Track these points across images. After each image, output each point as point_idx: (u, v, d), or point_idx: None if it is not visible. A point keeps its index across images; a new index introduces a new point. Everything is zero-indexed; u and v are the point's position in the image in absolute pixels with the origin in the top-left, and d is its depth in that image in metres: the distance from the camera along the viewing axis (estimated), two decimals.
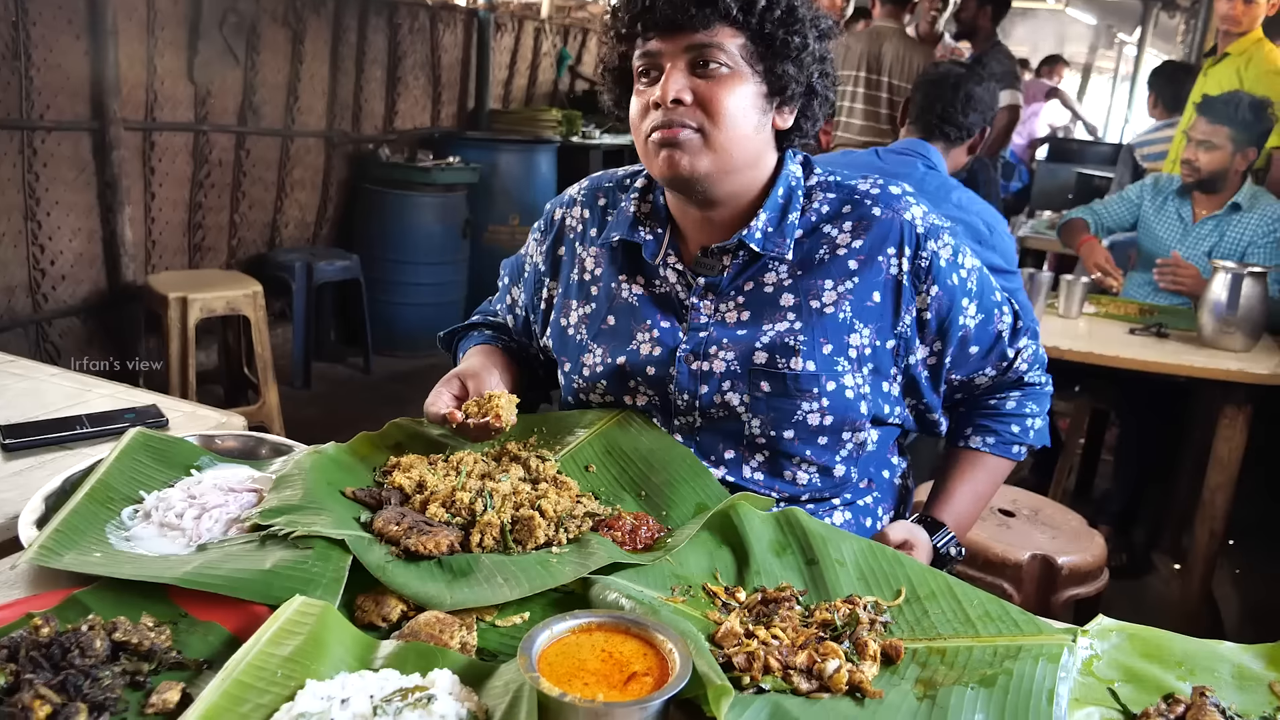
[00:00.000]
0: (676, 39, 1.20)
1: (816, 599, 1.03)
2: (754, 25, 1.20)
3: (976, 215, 2.32)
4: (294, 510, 1.05)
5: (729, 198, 1.28)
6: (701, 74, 1.21)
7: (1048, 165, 7.09)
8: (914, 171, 2.38)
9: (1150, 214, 3.40)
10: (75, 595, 0.92)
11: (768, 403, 1.27)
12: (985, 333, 1.35)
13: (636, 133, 1.26)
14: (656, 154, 1.23)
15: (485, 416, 1.22)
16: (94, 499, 1.09)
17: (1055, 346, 2.71)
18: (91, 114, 3.85)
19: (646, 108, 1.23)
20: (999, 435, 1.43)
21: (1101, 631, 0.98)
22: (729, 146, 1.22)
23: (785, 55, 1.22)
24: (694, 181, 1.23)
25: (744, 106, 1.22)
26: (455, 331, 1.62)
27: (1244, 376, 2.61)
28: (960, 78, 2.46)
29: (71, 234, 3.89)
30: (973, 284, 1.32)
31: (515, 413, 1.25)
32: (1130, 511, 3.46)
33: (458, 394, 1.31)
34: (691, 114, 1.20)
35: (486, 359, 1.42)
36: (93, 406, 1.56)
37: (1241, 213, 3.15)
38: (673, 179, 1.24)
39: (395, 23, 5.42)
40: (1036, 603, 1.99)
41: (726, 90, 1.20)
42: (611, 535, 1.11)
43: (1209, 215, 3.22)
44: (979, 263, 1.35)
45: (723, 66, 1.20)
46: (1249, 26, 3.64)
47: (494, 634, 0.93)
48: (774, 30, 1.21)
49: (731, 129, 1.21)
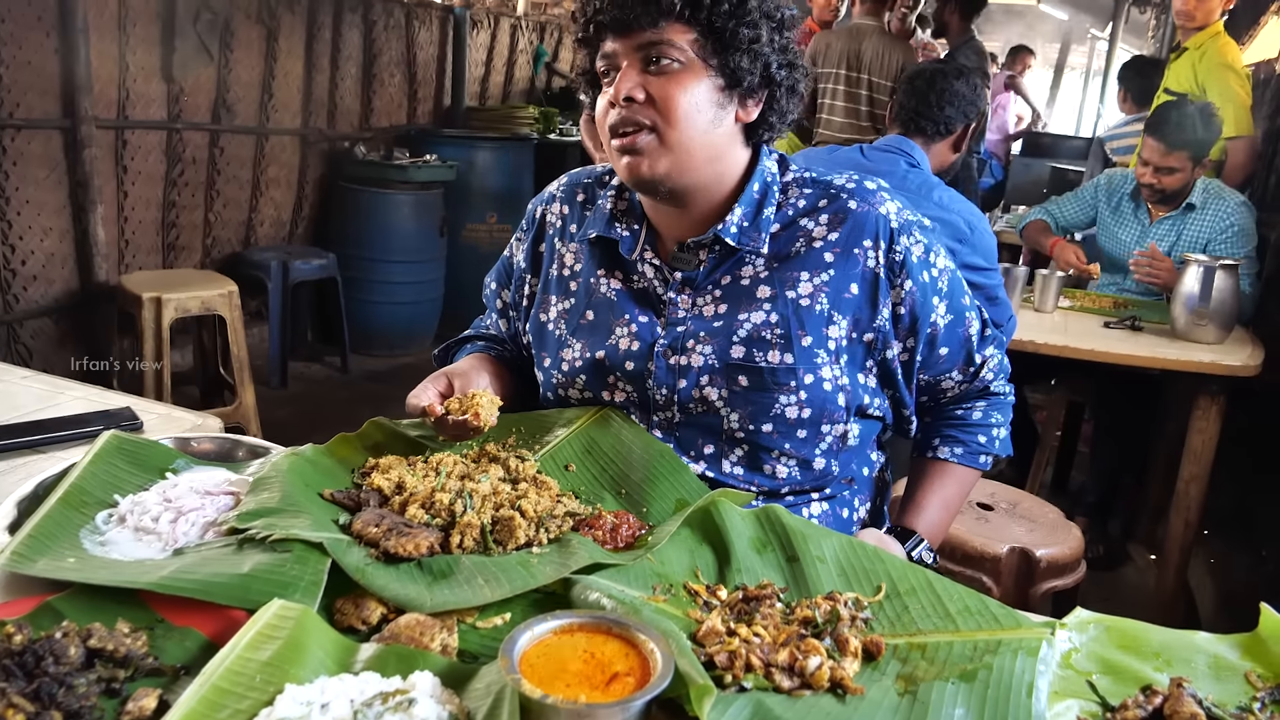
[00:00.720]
0: (629, 38, 1.21)
1: (797, 596, 1.03)
2: (703, 20, 1.20)
3: (958, 214, 2.33)
4: (271, 513, 1.04)
5: (696, 193, 1.28)
6: (654, 71, 1.21)
7: (1022, 160, 7.15)
8: (896, 169, 2.39)
9: (1107, 215, 3.44)
10: (49, 602, 0.90)
11: (746, 397, 1.28)
12: (954, 335, 1.37)
13: (602, 133, 1.27)
14: (620, 158, 1.24)
15: (465, 414, 1.21)
16: (68, 503, 1.08)
17: (1031, 340, 2.74)
18: (62, 112, 3.80)
19: (606, 107, 1.25)
20: (966, 446, 1.46)
21: (1079, 624, 0.99)
22: (685, 143, 1.22)
23: (737, 47, 1.22)
24: (656, 182, 1.24)
25: (698, 101, 1.22)
26: (450, 346, 1.61)
27: (1217, 368, 2.64)
28: (935, 73, 2.48)
29: (43, 233, 3.84)
30: (943, 284, 1.34)
31: (495, 415, 1.25)
32: (1106, 503, 3.50)
33: (444, 391, 1.31)
34: (645, 112, 1.21)
35: (478, 363, 1.42)
36: (66, 409, 1.54)
37: (1195, 211, 3.20)
38: (635, 182, 1.26)
39: (370, 20, 5.39)
40: (1015, 596, 2.01)
41: (678, 86, 1.21)
42: (592, 535, 1.10)
43: (1165, 215, 3.27)
44: (952, 265, 1.37)
45: (674, 63, 1.21)
46: (1204, 21, 3.70)
47: (475, 635, 0.93)
48: (724, 23, 1.21)
49: (686, 125, 1.21)
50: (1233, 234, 3.12)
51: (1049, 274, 3.09)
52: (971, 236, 2.32)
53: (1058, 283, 3.08)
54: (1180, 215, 3.23)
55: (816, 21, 4.85)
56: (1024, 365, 2.79)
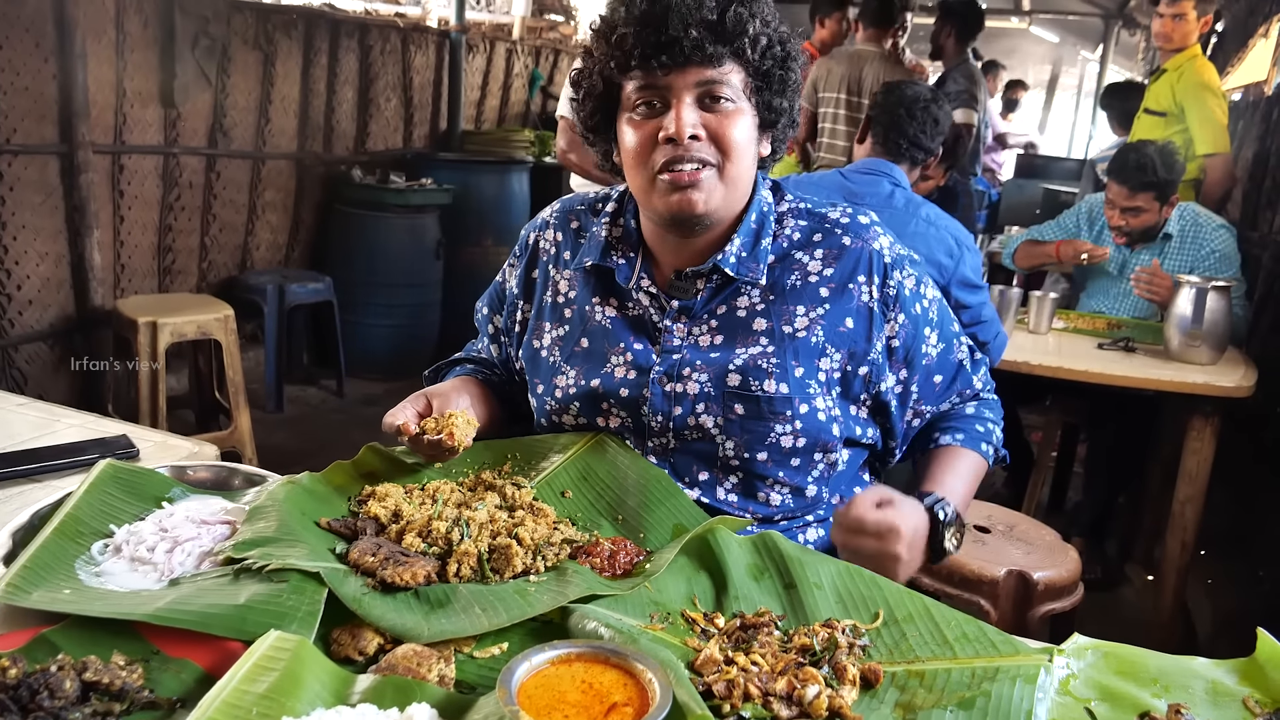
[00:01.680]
0: (687, 73, 1.20)
1: (795, 623, 1.03)
2: (755, 61, 1.23)
3: (945, 230, 2.36)
4: (268, 542, 1.04)
5: (718, 226, 1.30)
6: (710, 108, 1.22)
7: (1015, 182, 7.20)
8: (880, 189, 2.42)
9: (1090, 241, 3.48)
10: (44, 634, 0.90)
11: (741, 425, 1.28)
12: (947, 362, 1.40)
13: (639, 166, 1.25)
14: (669, 193, 1.23)
15: (439, 433, 1.21)
16: (63, 534, 1.07)
17: (1026, 361, 2.75)
18: (60, 137, 3.82)
19: (653, 140, 1.22)
20: (966, 432, 1.44)
21: (1077, 650, 0.99)
22: (739, 179, 1.25)
23: (781, 91, 1.26)
24: (705, 217, 1.25)
25: (748, 139, 1.25)
26: (440, 368, 1.61)
27: (1210, 389, 2.65)
28: (928, 101, 2.50)
29: (39, 258, 3.84)
30: (933, 314, 1.37)
31: (470, 435, 1.24)
32: (1102, 524, 3.50)
33: (422, 410, 1.30)
34: (705, 149, 1.22)
35: (461, 385, 1.42)
36: (61, 437, 1.54)
37: (1174, 240, 3.24)
38: (684, 218, 1.24)
39: (367, 44, 5.42)
40: (1013, 619, 2.01)
41: (735, 124, 1.23)
42: (590, 562, 1.10)
43: (1145, 246, 3.30)
44: (938, 293, 1.40)
45: (729, 101, 1.22)
46: (1181, 43, 3.79)
47: (472, 665, 0.93)
48: (772, 67, 1.24)
49: (742, 160, 1.24)
50: (1214, 260, 3.15)
51: (1043, 296, 3.11)
52: (959, 252, 2.35)
53: (1051, 304, 3.10)
54: (1158, 245, 3.27)
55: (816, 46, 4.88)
56: (1019, 386, 2.81)
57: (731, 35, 1.19)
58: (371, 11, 5.77)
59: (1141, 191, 3.13)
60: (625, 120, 1.26)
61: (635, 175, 1.27)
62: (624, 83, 1.25)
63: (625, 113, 1.26)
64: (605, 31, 1.24)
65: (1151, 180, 3.10)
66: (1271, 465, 3.02)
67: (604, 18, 1.26)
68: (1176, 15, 3.74)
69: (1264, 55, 4.37)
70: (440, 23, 6.23)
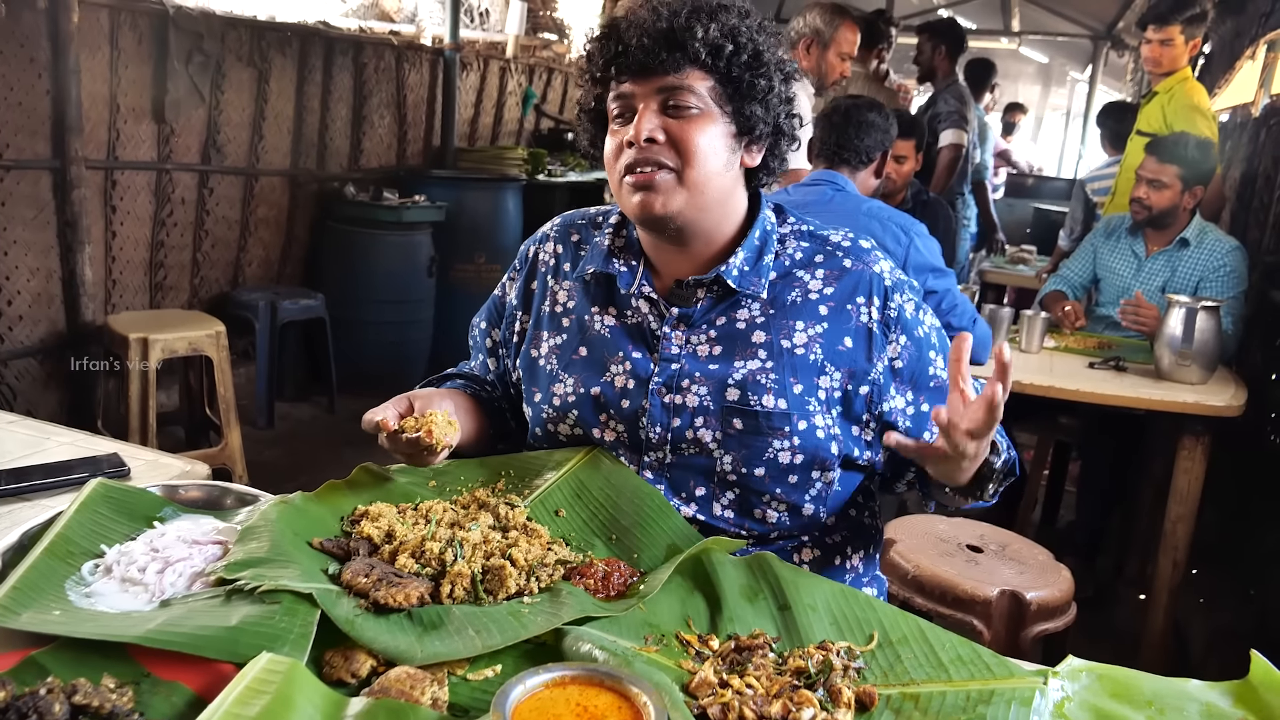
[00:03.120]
0: (649, 81, 1.25)
1: (789, 645, 1.03)
2: (722, 69, 1.26)
3: (890, 220, 2.43)
4: (260, 563, 1.03)
5: (701, 234, 1.32)
6: (673, 114, 1.25)
7: (1006, 201, 7.24)
8: (823, 198, 2.48)
9: (1105, 252, 3.51)
10: (33, 656, 0.89)
11: (739, 440, 1.29)
12: None
13: (611, 171, 1.30)
14: (632, 195, 1.27)
15: (418, 431, 1.21)
16: (53, 554, 1.06)
17: (1017, 380, 2.75)
18: (52, 152, 3.81)
19: (620, 147, 1.28)
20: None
21: (1071, 672, 0.99)
22: (700, 183, 1.26)
23: (752, 97, 1.28)
24: (667, 219, 1.27)
25: (714, 145, 1.27)
26: (431, 384, 1.61)
27: (1201, 409, 2.66)
28: (850, 108, 2.64)
29: (30, 274, 3.83)
30: (935, 340, 1.37)
31: (452, 436, 1.23)
32: (1094, 542, 3.50)
33: (403, 411, 1.28)
34: (664, 152, 1.25)
35: (447, 393, 1.41)
36: (52, 455, 1.53)
37: (1190, 248, 3.26)
38: (646, 218, 1.28)
39: (361, 62, 5.43)
40: (1006, 639, 2.00)
41: (697, 129, 1.25)
42: (584, 583, 1.10)
43: (1160, 250, 3.33)
44: (937, 321, 1.41)
45: (693, 108, 1.25)
46: (1170, 66, 3.84)
47: (466, 688, 0.92)
48: (741, 74, 1.27)
49: (702, 166, 1.26)
50: (1224, 273, 3.18)
51: (1033, 314, 3.12)
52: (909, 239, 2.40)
53: (1043, 323, 3.11)
54: (1175, 250, 3.29)
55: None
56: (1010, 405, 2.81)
57: (682, 43, 1.23)
58: (366, 29, 5.77)
59: (1169, 164, 3.19)
60: (609, 133, 1.32)
61: (611, 181, 1.32)
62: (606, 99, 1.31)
63: (609, 126, 1.32)
64: (589, 54, 1.33)
65: (1182, 155, 3.17)
66: (1261, 484, 3.03)
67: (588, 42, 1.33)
68: (1164, 41, 3.78)
69: (1251, 77, 4.41)
70: (434, 41, 6.25)
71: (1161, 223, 3.28)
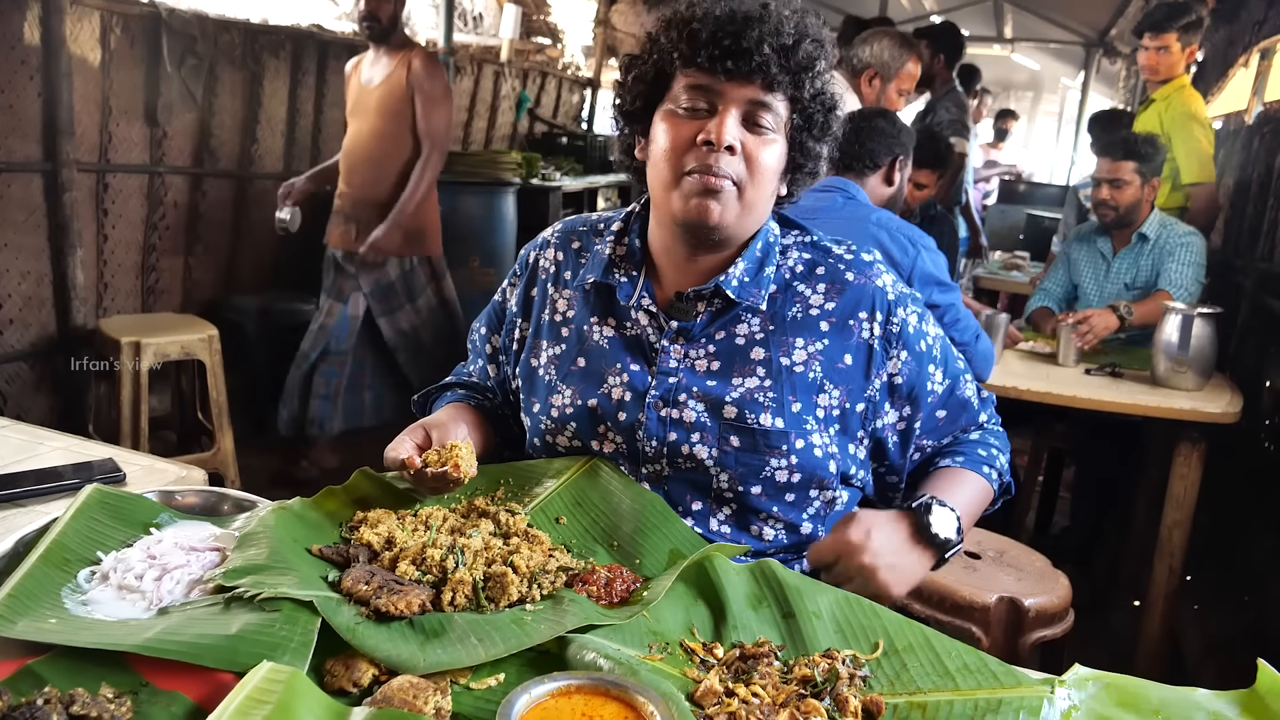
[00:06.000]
0: (744, 87, 1.22)
1: (794, 653, 1.02)
2: (803, 100, 1.25)
3: (898, 231, 2.42)
4: (259, 570, 1.02)
5: (727, 246, 1.30)
6: (751, 128, 1.23)
7: (999, 207, 7.26)
8: (833, 204, 2.47)
9: (1079, 259, 3.58)
10: (29, 665, 0.88)
11: (737, 457, 1.27)
12: (952, 397, 1.39)
13: (669, 162, 1.24)
14: (693, 196, 1.23)
15: (444, 465, 1.20)
16: (49, 561, 1.05)
17: (1014, 387, 2.76)
18: (44, 155, 3.78)
19: (689, 142, 1.23)
20: (966, 455, 1.40)
21: (1078, 681, 0.98)
22: (757, 203, 1.26)
23: (819, 135, 1.28)
24: (717, 229, 1.25)
25: (776, 169, 1.26)
26: (429, 394, 1.60)
27: (1197, 415, 2.66)
28: (858, 115, 2.64)
29: (20, 277, 3.80)
30: (937, 352, 1.36)
31: (475, 465, 1.23)
32: (1088, 549, 3.50)
33: (420, 443, 1.28)
34: (736, 164, 1.22)
35: (456, 413, 1.40)
36: (46, 460, 1.51)
37: (1149, 242, 3.32)
38: (699, 224, 1.24)
39: None
40: (1004, 646, 2.00)
41: (769, 150, 1.24)
42: (586, 590, 1.09)
43: (1125, 248, 3.39)
44: (940, 331, 1.39)
45: (770, 130, 1.24)
46: (1167, 74, 3.87)
47: (468, 697, 0.91)
48: (814, 110, 1.26)
49: (764, 187, 1.25)
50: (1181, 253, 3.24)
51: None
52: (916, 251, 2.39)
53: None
54: (1136, 246, 3.36)
55: None
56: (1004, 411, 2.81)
57: (798, 66, 1.21)
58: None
59: (1125, 160, 3.23)
60: (665, 114, 1.26)
61: (662, 170, 1.25)
62: (678, 76, 1.25)
63: (667, 105, 1.26)
64: (679, 22, 1.24)
65: (1133, 149, 3.22)
66: (1256, 490, 3.03)
67: (681, 11, 1.25)
68: (1161, 48, 3.80)
69: (1244, 84, 4.44)
70: (428, 45, 6.24)
71: (1128, 220, 3.34)
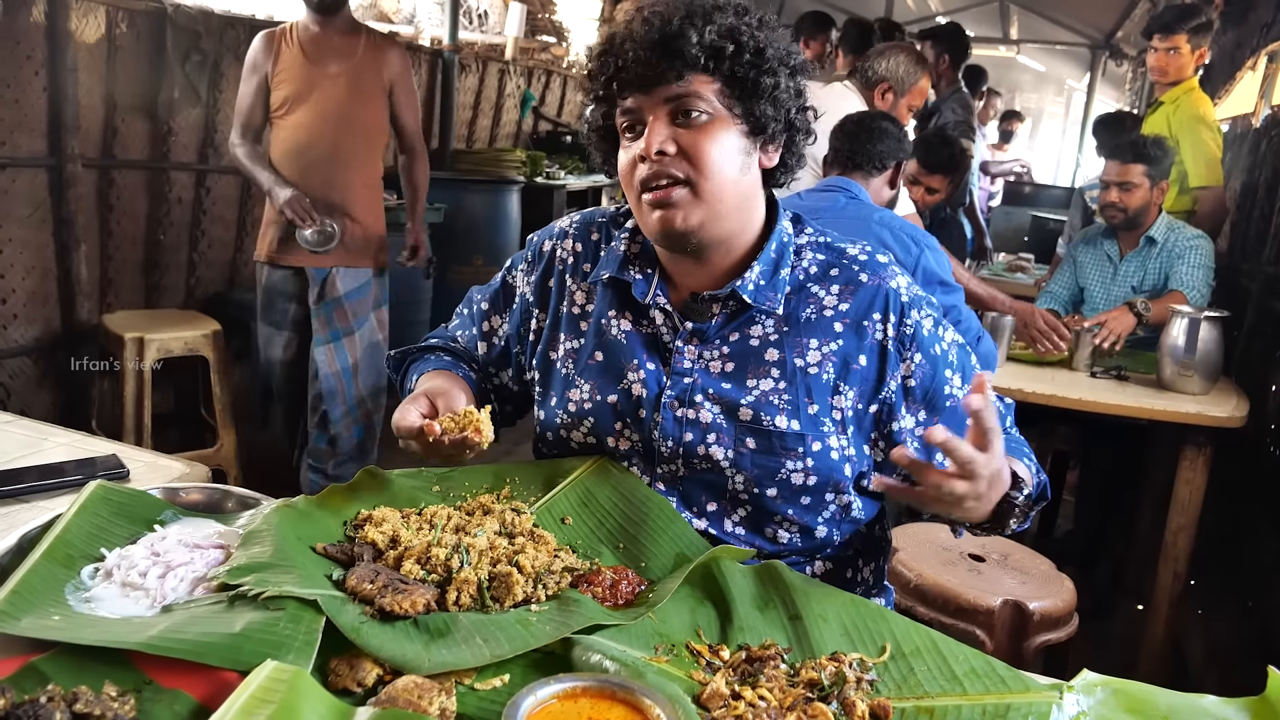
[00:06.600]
0: (653, 93, 1.22)
1: (801, 656, 1.01)
2: (725, 70, 1.22)
3: (901, 230, 2.41)
4: (263, 568, 1.01)
5: (720, 244, 1.28)
6: (683, 124, 1.22)
7: (1003, 209, 7.24)
8: (835, 204, 2.47)
9: (1085, 262, 3.55)
10: (33, 662, 0.87)
11: (752, 459, 1.27)
12: None
13: (628, 187, 1.27)
14: (651, 213, 1.24)
15: (464, 431, 1.19)
16: (52, 558, 1.05)
17: (1019, 389, 2.75)
18: (49, 150, 3.78)
19: (634, 162, 1.25)
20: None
21: (1086, 686, 0.98)
22: (718, 193, 1.23)
23: (760, 95, 1.24)
24: (688, 235, 1.24)
25: (728, 151, 1.23)
26: (408, 353, 1.58)
27: (1202, 419, 2.65)
28: (863, 117, 2.65)
29: (25, 272, 3.80)
30: (954, 357, 1.33)
31: (494, 429, 1.22)
32: (1092, 552, 3.50)
33: (426, 412, 1.26)
34: (677, 164, 1.21)
35: (451, 383, 1.36)
36: (49, 455, 1.51)
37: (1157, 245, 3.31)
38: (667, 235, 1.25)
39: None
40: (1008, 649, 1.99)
41: (709, 137, 1.22)
42: (591, 591, 1.08)
43: (1132, 251, 3.37)
44: (959, 337, 1.36)
45: (702, 114, 1.22)
46: (1176, 76, 3.84)
47: (473, 698, 0.90)
48: (745, 73, 1.22)
49: (718, 175, 1.22)
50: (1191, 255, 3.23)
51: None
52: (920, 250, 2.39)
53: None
54: (1143, 250, 3.34)
55: None
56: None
57: (679, 49, 1.19)
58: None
59: (1134, 163, 3.22)
60: (621, 148, 1.29)
61: (630, 200, 1.29)
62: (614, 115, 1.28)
63: (620, 141, 1.29)
64: (590, 71, 1.30)
65: (1142, 151, 3.20)
66: (1261, 495, 3.02)
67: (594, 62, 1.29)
68: (1171, 49, 3.77)
69: (1251, 87, 4.42)
70: (433, 42, 6.24)
71: (1136, 223, 3.32)
